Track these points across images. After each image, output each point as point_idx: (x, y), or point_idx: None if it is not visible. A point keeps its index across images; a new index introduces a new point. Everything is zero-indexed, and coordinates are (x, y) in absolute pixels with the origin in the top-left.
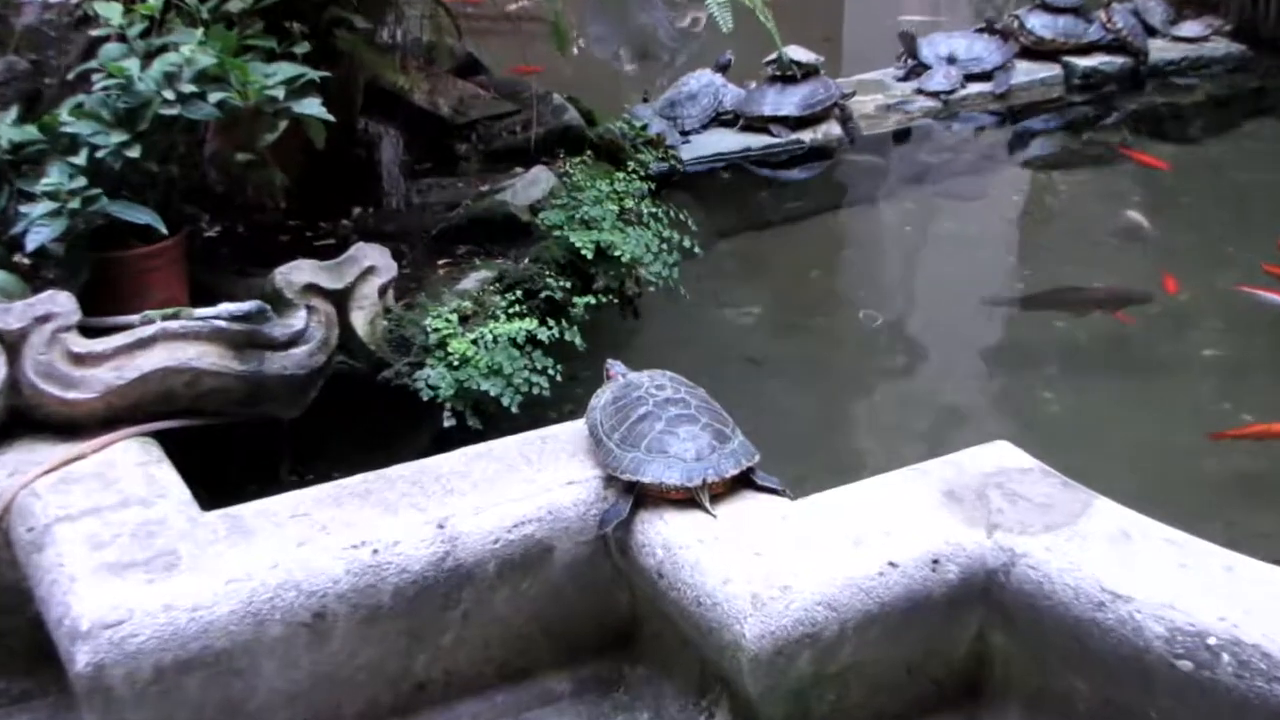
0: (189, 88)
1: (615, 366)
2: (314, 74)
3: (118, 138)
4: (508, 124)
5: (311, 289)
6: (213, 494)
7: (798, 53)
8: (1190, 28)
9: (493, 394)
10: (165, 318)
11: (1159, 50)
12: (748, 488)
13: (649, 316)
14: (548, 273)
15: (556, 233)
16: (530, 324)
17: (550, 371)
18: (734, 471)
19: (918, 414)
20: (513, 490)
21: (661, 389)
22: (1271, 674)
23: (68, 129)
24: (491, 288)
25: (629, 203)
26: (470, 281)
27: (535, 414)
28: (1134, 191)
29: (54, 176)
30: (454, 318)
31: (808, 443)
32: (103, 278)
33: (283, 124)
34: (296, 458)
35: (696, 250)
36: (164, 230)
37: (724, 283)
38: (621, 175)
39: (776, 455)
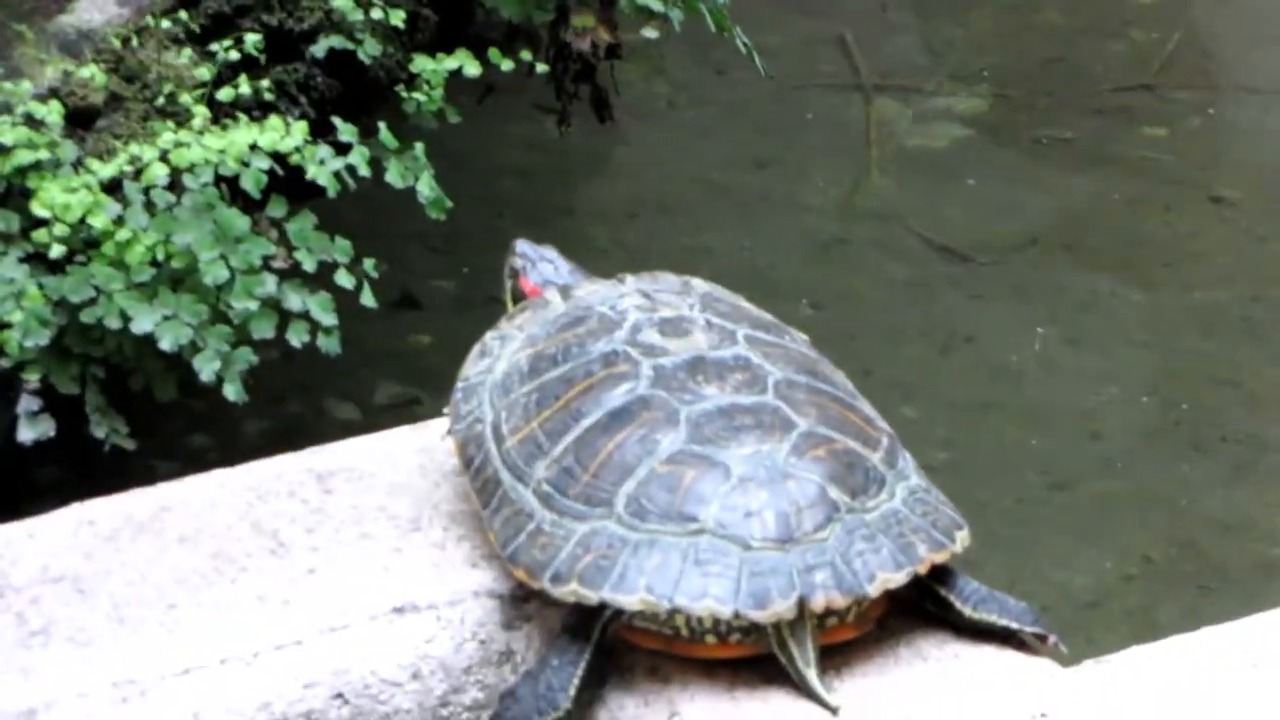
0: None
1: (534, 260)
2: None
3: None
4: None
5: None
6: None
7: None
8: None
9: (165, 350)
10: None
11: None
12: (927, 601)
13: (622, 134)
14: None
15: None
16: (280, 132)
17: (357, 278)
18: (896, 577)
19: None
20: (231, 638)
21: (672, 328)
22: None
23: None
24: (161, 22)
25: None
26: (93, 12)
27: (314, 396)
28: None
29: None
30: (56, 114)
31: None
32: None
33: None
34: None
35: None
36: None
37: None
38: None
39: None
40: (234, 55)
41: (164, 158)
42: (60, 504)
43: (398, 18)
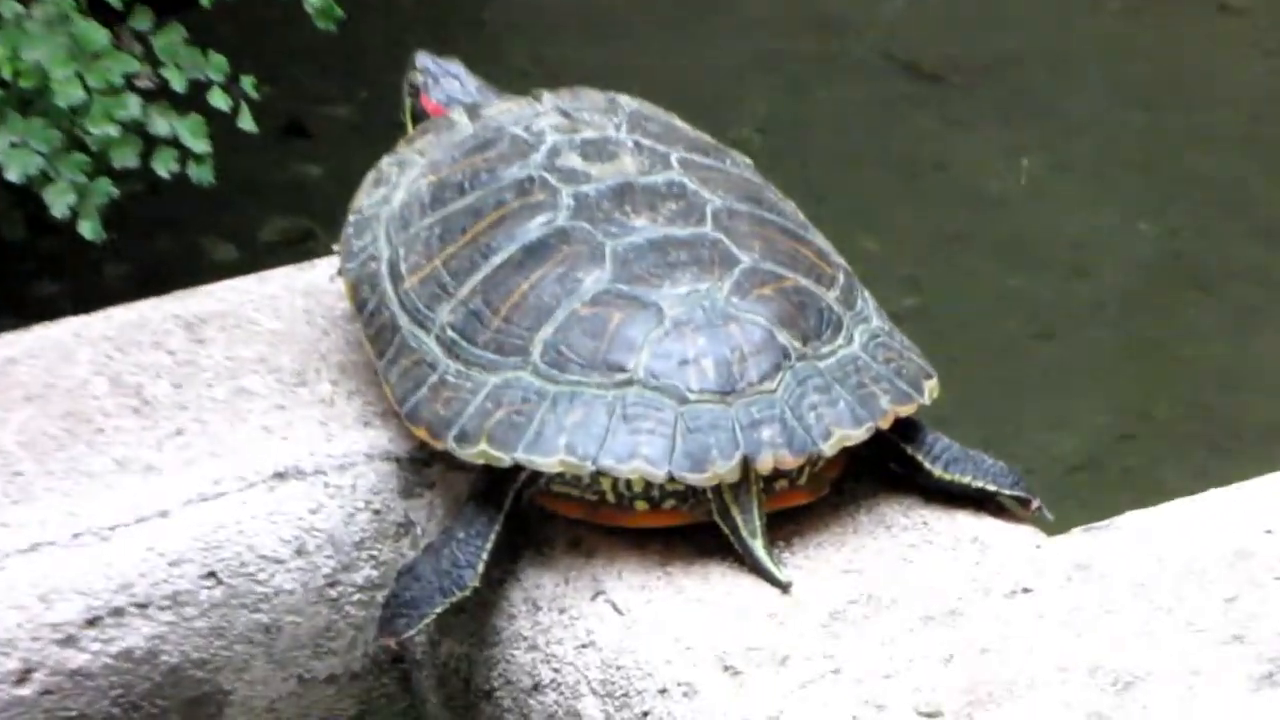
0: None
1: (437, 75)
2: None
3: None
4: None
5: None
6: None
7: None
8: None
9: (12, 182)
10: None
11: None
12: (891, 461)
13: None
14: None
15: None
16: None
17: (234, 99)
18: (855, 433)
19: None
20: (86, 510)
21: (596, 151)
22: None
23: None
24: None
25: None
26: None
27: (186, 234)
28: None
29: None
30: None
31: None
32: None
33: None
34: None
35: None
36: None
37: None
38: None
39: None
40: None
41: None
42: None
43: None
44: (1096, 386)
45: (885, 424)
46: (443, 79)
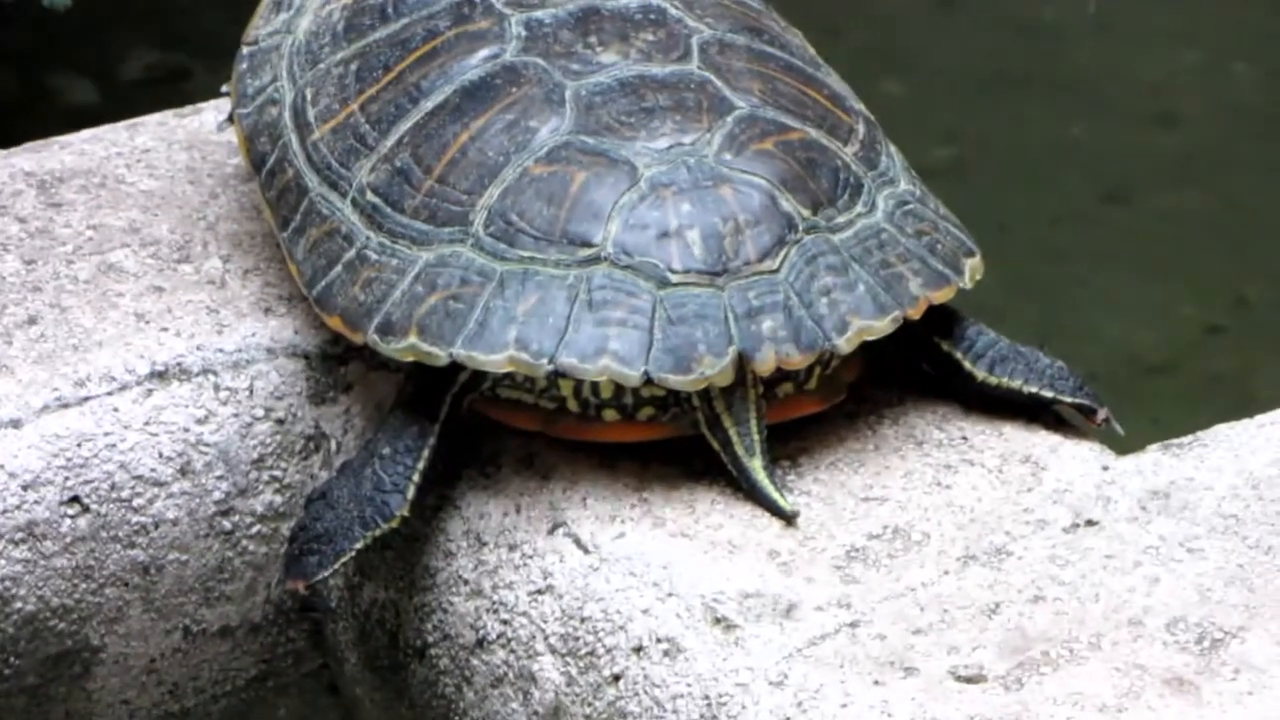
0: None
1: None
2: None
3: None
4: None
5: None
6: None
7: None
8: None
9: None
10: None
11: None
12: (923, 361)
13: None
14: None
15: None
16: None
17: None
18: (878, 325)
19: None
20: None
21: None
22: None
23: None
24: None
25: None
26: None
27: (33, 70)
28: None
29: None
30: None
31: None
32: None
33: None
34: None
35: None
36: None
37: None
38: None
39: None
40: None
41: None
42: None
43: None
44: (1178, 265)
45: (915, 313)
46: None
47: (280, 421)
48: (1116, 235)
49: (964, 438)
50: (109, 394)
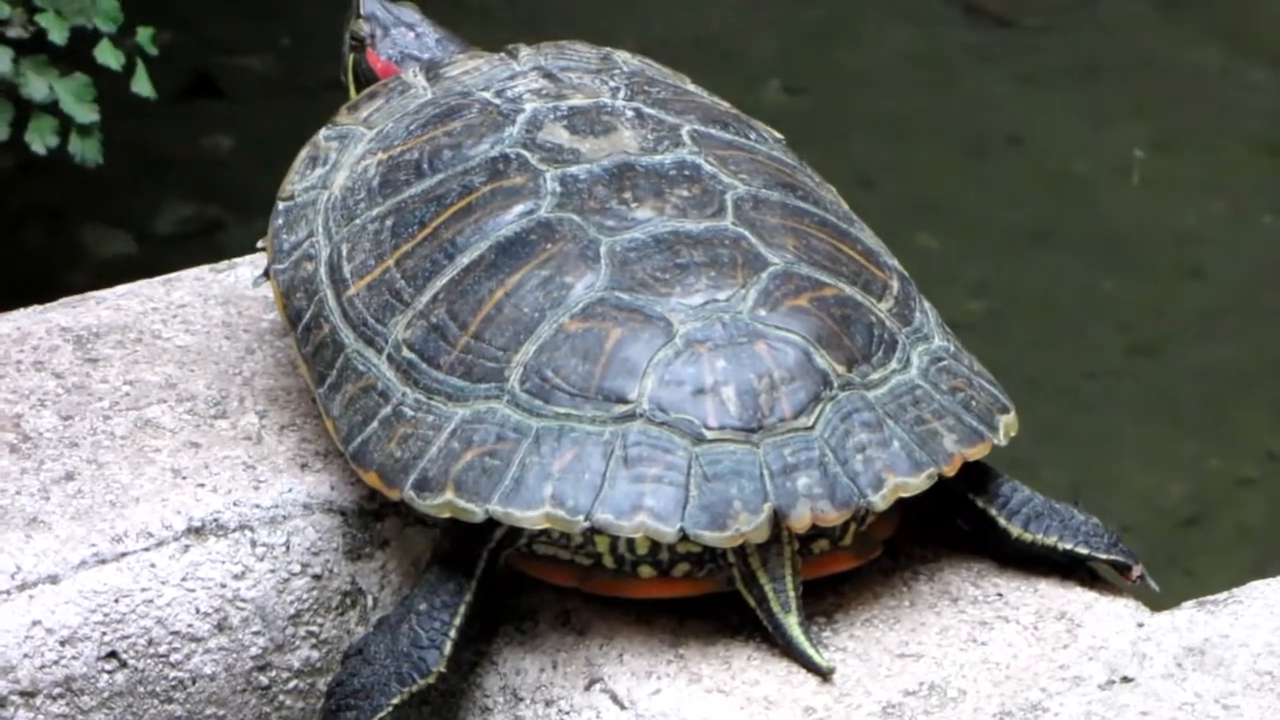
0: None
1: (387, 24)
2: None
3: None
4: None
5: None
6: None
7: None
8: None
9: None
10: None
11: None
12: (958, 517)
13: None
14: None
15: None
16: None
17: (127, 55)
18: (913, 482)
19: None
20: None
21: (588, 122)
22: None
23: None
24: None
25: None
26: None
27: (68, 224)
28: None
29: None
30: None
31: None
32: None
33: None
34: None
35: None
36: None
37: None
38: None
39: None
40: None
41: None
42: None
43: None
44: (1210, 418)
45: (950, 470)
46: (394, 30)
47: (317, 577)
48: (1147, 389)
49: (999, 594)
50: (146, 550)
